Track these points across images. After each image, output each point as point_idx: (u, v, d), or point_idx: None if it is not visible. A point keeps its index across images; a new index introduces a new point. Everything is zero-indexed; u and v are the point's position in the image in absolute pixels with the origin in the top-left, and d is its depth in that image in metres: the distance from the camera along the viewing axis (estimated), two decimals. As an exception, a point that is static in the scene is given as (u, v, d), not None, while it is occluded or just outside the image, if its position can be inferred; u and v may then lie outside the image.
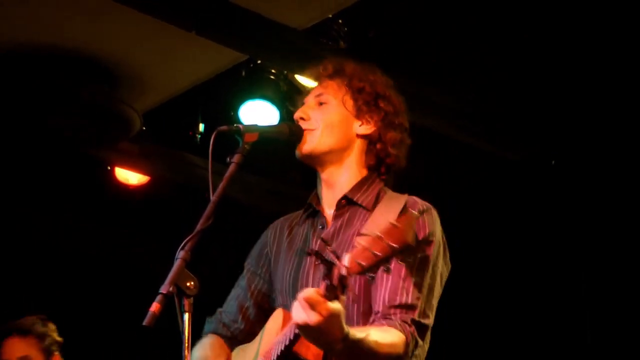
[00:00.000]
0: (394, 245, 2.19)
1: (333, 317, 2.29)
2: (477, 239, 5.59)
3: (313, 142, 2.82)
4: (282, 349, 2.50)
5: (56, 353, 4.71)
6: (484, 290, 5.83)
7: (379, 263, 2.22)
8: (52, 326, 4.73)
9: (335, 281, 2.26)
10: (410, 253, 2.58)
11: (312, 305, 2.27)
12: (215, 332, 2.95)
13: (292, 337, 2.46)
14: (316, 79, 2.98)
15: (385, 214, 2.54)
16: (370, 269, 2.23)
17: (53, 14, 4.61)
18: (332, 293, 2.28)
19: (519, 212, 5.76)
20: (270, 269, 2.93)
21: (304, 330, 2.33)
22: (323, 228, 2.81)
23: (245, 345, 2.87)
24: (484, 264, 5.74)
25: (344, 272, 2.24)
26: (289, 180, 6.22)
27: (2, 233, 6.64)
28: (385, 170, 2.87)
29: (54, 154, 5.92)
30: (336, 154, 2.83)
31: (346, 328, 2.35)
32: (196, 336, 2.36)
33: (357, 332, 2.41)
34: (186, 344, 2.33)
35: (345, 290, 2.29)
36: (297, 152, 2.84)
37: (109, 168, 6.15)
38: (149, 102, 5.33)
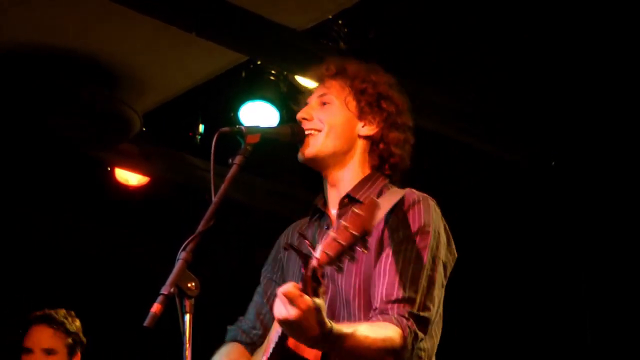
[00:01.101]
0: (355, 232, 2.21)
1: (312, 311, 2.27)
2: (476, 239, 5.59)
3: (316, 145, 2.82)
4: (274, 346, 2.51)
5: (79, 352, 4.71)
6: (484, 290, 5.83)
7: (344, 252, 2.23)
8: (79, 325, 4.74)
9: (308, 273, 2.27)
10: (405, 245, 2.60)
11: (290, 299, 2.26)
12: (234, 340, 2.98)
13: (280, 334, 2.46)
14: (319, 79, 2.98)
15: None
16: (337, 259, 2.24)
17: (53, 15, 4.61)
18: (309, 286, 2.28)
19: (518, 213, 5.76)
20: (284, 274, 2.95)
21: (285, 325, 2.32)
22: (328, 228, 2.81)
23: (261, 347, 2.90)
24: (483, 264, 5.74)
25: (314, 263, 2.26)
26: (290, 182, 6.22)
27: (2, 233, 6.64)
28: (389, 169, 2.87)
29: (54, 154, 5.92)
30: (339, 157, 2.84)
31: (329, 323, 2.33)
32: (197, 337, 2.36)
33: (344, 328, 2.39)
34: (187, 345, 2.33)
35: (320, 282, 2.29)
36: (300, 156, 2.85)
37: (109, 169, 6.15)
38: (149, 103, 5.33)
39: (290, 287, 2.28)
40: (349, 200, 2.81)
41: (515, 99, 5.29)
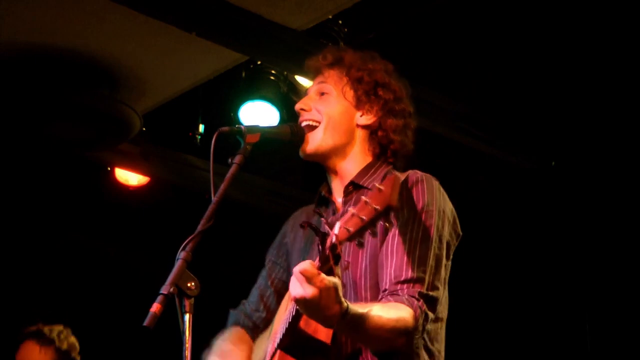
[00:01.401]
0: (377, 207, 2.17)
1: (329, 289, 2.26)
2: (476, 240, 5.59)
3: (316, 141, 2.83)
4: (287, 326, 2.49)
5: None
6: (484, 290, 5.83)
7: (366, 227, 2.20)
8: (74, 343, 4.71)
9: (327, 250, 2.25)
10: (411, 224, 2.58)
11: (308, 278, 2.24)
12: (237, 324, 2.98)
13: (294, 313, 2.45)
14: (316, 69, 2.97)
15: None
16: (358, 234, 2.21)
17: (52, 16, 4.60)
18: (326, 265, 2.26)
19: (518, 213, 5.76)
20: (288, 258, 2.95)
21: (302, 304, 2.30)
22: (334, 214, 2.82)
23: (265, 331, 2.89)
24: (483, 265, 5.74)
25: (333, 239, 2.23)
26: (290, 182, 6.23)
27: (1, 234, 6.64)
28: (391, 155, 2.87)
29: (53, 155, 5.92)
30: (340, 149, 2.84)
31: (345, 302, 2.32)
32: (197, 337, 2.35)
33: (359, 308, 2.38)
34: (187, 345, 2.32)
35: (339, 260, 2.27)
36: (301, 152, 2.85)
37: (109, 169, 6.15)
38: (149, 103, 5.33)
39: (307, 265, 2.26)
40: (353, 188, 2.81)
41: (515, 100, 5.29)
